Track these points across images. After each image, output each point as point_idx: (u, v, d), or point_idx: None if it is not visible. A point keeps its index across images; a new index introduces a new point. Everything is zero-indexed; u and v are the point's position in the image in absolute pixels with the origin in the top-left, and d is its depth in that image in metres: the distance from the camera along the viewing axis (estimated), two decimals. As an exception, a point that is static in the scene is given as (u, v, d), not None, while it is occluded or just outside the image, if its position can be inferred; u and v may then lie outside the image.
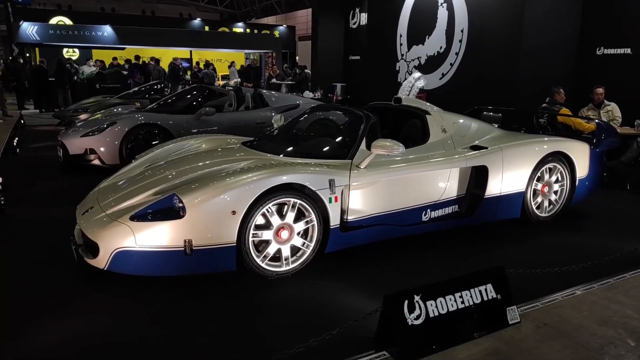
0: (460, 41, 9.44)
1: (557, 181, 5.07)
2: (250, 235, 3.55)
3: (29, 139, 9.98)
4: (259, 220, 3.58)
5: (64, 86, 14.63)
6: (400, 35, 11.00)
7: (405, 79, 10.54)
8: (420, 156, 4.40)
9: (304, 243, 3.78)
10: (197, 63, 20.07)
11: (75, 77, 16.37)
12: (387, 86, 11.33)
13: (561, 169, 5.04)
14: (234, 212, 3.46)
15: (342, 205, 3.91)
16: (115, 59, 18.38)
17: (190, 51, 20.69)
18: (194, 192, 3.48)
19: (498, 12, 8.68)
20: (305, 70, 15.23)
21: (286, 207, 3.67)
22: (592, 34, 8.50)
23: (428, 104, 5.26)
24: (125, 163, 6.81)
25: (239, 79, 17.14)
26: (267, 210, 3.58)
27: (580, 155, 5.13)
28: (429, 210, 4.44)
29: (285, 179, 3.61)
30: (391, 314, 2.82)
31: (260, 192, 3.50)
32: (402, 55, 11.02)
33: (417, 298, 2.88)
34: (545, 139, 5.09)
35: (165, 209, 3.48)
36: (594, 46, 8.44)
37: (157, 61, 16.28)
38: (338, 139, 4.46)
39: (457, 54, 9.54)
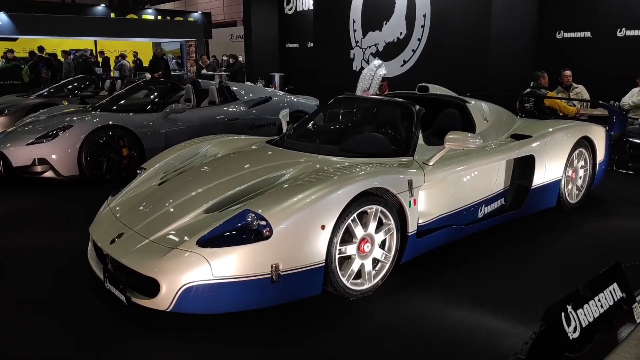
0: (423, 26, 9.29)
1: (582, 167, 5.03)
2: (337, 252, 3.04)
3: None
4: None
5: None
6: (354, 21, 10.63)
7: (362, 67, 10.23)
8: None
9: (384, 254, 3.33)
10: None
11: None
12: (340, 75, 10.95)
13: (586, 154, 5.01)
14: (323, 227, 2.92)
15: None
16: (11, 51, 16.13)
17: (95, 41, 18.71)
18: (275, 207, 2.88)
19: (463, -4, 8.63)
20: (239, 60, 14.40)
21: (366, 215, 3.20)
22: (551, 18, 8.73)
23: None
24: (86, 173, 5.86)
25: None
26: (351, 221, 3.08)
27: (600, 139, 5.13)
28: (483, 205, 4.16)
29: (373, 183, 3.14)
30: (551, 330, 2.50)
31: (349, 201, 3.00)
32: (357, 42, 10.67)
33: (569, 309, 2.59)
34: (572, 124, 5.03)
35: (242, 229, 2.84)
36: (554, 30, 8.68)
37: (68, 53, 14.53)
38: (391, 134, 4.02)
39: (419, 39, 9.38)
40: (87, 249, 3.56)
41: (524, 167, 4.40)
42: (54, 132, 5.90)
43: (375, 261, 3.30)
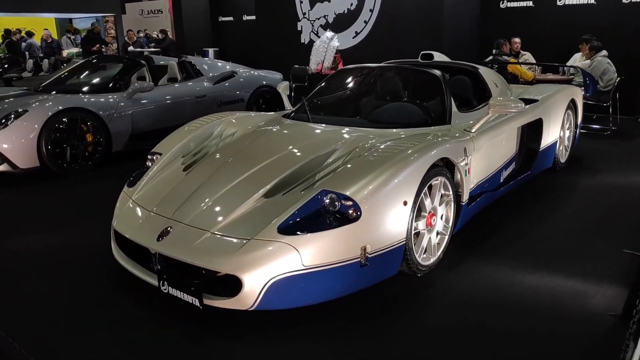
0: (375, -4, 9.18)
1: (568, 127, 5.25)
2: (413, 228, 2.90)
3: None
4: (410, 207, 2.93)
5: None
6: (299, -8, 10.28)
7: (312, 40, 9.94)
8: (498, 114, 4.09)
9: (444, 226, 3.25)
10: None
11: None
12: (287, 48, 10.58)
13: (571, 115, 5.23)
14: (405, 203, 2.77)
15: (468, 176, 3.46)
16: None
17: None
18: (356, 185, 2.67)
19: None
20: (169, 36, 13.45)
21: (432, 188, 3.08)
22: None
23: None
24: (47, 164, 5.17)
25: (75, 49, 14.46)
26: (423, 194, 2.95)
27: (580, 101, 5.38)
28: (503, 170, 4.20)
29: (443, 152, 3.04)
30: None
31: (424, 173, 2.87)
32: (304, 14, 10.32)
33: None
34: (563, 87, 5.19)
35: (322, 212, 2.63)
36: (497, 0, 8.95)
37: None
38: (421, 103, 3.90)
39: (371, 10, 9.26)
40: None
41: (532, 130, 4.49)
42: (4, 119, 5.14)
43: (437, 234, 3.21)
